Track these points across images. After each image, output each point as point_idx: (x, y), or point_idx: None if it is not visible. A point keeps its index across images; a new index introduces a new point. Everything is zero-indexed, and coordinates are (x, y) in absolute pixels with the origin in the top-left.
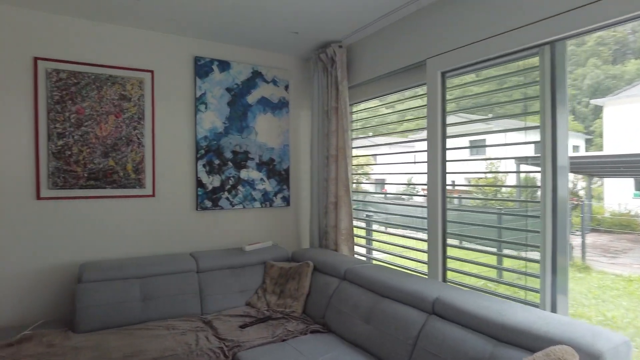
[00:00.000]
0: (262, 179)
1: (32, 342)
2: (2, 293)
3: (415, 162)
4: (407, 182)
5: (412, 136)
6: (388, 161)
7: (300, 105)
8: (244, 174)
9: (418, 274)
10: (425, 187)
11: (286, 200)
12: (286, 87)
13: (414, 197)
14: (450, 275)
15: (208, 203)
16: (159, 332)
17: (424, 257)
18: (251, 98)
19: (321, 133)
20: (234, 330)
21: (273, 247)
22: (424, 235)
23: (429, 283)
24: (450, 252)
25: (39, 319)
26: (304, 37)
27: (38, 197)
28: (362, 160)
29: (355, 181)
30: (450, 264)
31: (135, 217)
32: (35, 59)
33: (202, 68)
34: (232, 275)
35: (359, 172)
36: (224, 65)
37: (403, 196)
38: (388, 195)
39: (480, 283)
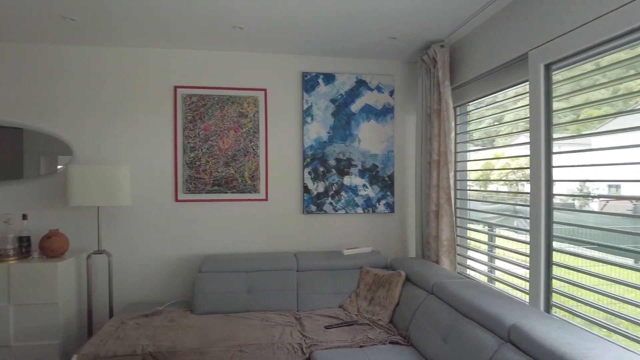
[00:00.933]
0: (364, 185)
1: (160, 316)
2: (150, 276)
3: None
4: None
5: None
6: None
7: (406, 109)
8: (347, 180)
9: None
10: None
11: (390, 207)
12: (391, 93)
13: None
14: (560, 299)
15: (313, 207)
16: (254, 322)
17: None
18: (355, 107)
19: (424, 137)
20: (319, 329)
21: (372, 253)
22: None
23: (514, 306)
24: (563, 272)
25: (173, 299)
26: (404, 41)
27: (176, 200)
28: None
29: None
30: (564, 287)
31: (250, 218)
32: (175, 87)
33: (308, 82)
34: (329, 277)
35: (471, 178)
36: (329, 78)
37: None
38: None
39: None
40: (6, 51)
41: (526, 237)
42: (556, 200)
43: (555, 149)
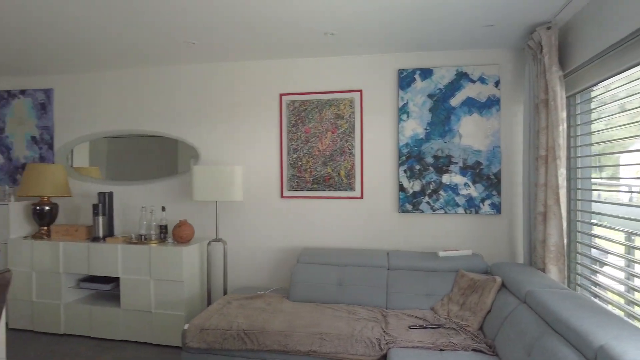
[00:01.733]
0: (466, 184)
1: (260, 300)
2: (258, 264)
3: None
4: None
5: None
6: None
7: (514, 101)
8: (446, 178)
9: None
10: None
11: (496, 208)
12: (496, 84)
13: None
14: None
15: (409, 206)
16: (340, 314)
17: None
18: (455, 101)
19: (532, 131)
20: (402, 328)
21: (471, 257)
22: None
23: (613, 323)
24: None
25: (276, 286)
26: (505, 26)
27: (282, 196)
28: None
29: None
30: None
31: (346, 215)
32: (281, 95)
33: (404, 79)
34: (421, 278)
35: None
36: (426, 73)
37: None
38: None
39: None
40: (148, 75)
41: None
42: None
43: None
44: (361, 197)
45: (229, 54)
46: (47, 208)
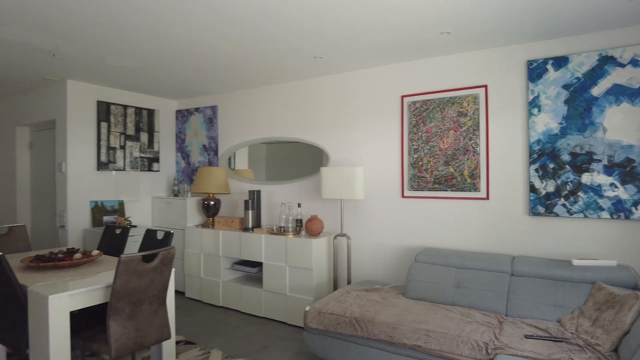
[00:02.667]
0: (612, 185)
1: (377, 293)
2: (379, 259)
3: None
4: None
5: None
6: None
7: None
8: (586, 178)
9: None
10: None
11: None
12: None
13: None
14: None
15: (540, 209)
16: (453, 315)
17: None
18: (597, 90)
19: None
20: (516, 336)
21: (614, 268)
22: None
23: None
24: None
25: (397, 282)
26: None
27: (402, 196)
28: None
29: None
30: None
31: (468, 217)
32: (402, 96)
33: (534, 71)
34: (549, 287)
35: None
36: (560, 62)
37: None
38: None
39: None
40: (288, 89)
41: None
42: None
43: None
44: (486, 198)
45: (351, 64)
46: (212, 202)
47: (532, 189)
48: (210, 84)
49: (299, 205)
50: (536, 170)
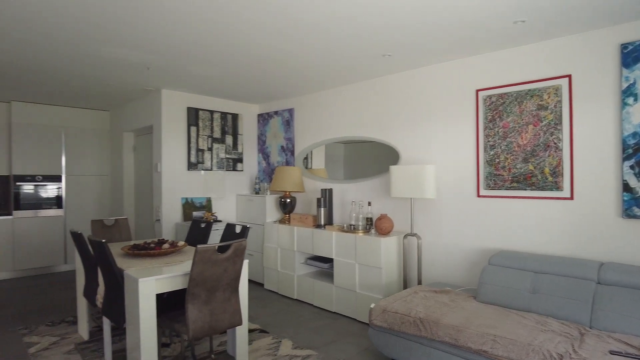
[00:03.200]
0: None
1: (446, 295)
2: (451, 261)
3: None
4: None
5: None
6: None
7: None
8: None
9: None
10: None
11: None
12: None
13: None
14: None
15: (637, 210)
16: (526, 322)
17: None
18: None
19: None
20: (599, 351)
21: None
22: None
23: None
24: None
25: (469, 285)
26: None
27: (478, 195)
28: None
29: None
30: None
31: (549, 218)
32: (477, 90)
33: (629, 55)
34: None
35: None
36: None
37: None
38: None
39: None
40: (359, 88)
41: None
42: None
43: None
44: (570, 198)
45: (421, 60)
46: (288, 200)
47: (626, 188)
48: (287, 88)
49: (369, 203)
50: (631, 167)
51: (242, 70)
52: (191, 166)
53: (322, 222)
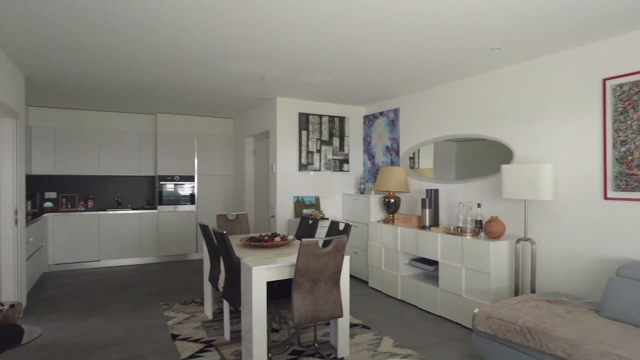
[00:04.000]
0: None
1: (561, 305)
2: (571, 269)
3: None
4: None
5: None
6: None
7: None
8: None
9: None
10: None
11: None
12: None
13: None
14: None
15: None
16: None
17: None
18: None
19: None
20: None
21: None
22: None
23: None
24: None
25: (590, 298)
26: None
27: (605, 197)
28: None
29: None
30: None
31: None
32: (604, 80)
33: None
34: None
35: None
36: None
37: None
38: None
39: None
40: (466, 85)
41: None
42: None
43: None
44: None
45: (533, 50)
46: (392, 200)
47: None
48: (392, 88)
49: (479, 205)
50: None
51: (349, 74)
52: (302, 167)
53: (427, 223)
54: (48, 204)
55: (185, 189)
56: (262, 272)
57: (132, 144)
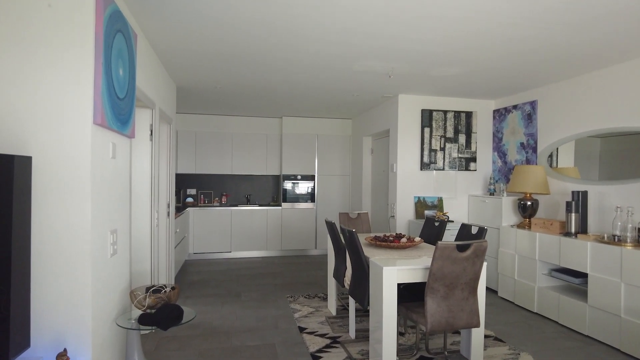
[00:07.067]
0: None
1: None
2: None
3: None
4: None
5: None
6: None
7: None
8: None
9: None
10: None
11: None
12: None
13: None
14: None
15: None
16: None
17: None
18: None
19: None
20: None
21: None
22: None
23: None
24: None
25: None
26: None
27: None
28: None
29: None
30: None
31: None
32: None
33: None
34: None
35: None
36: None
37: None
38: None
39: None
40: (615, 72)
41: None
42: None
43: None
44: None
45: None
46: (529, 203)
47: None
48: (528, 79)
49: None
50: None
51: (480, 65)
52: (424, 166)
53: (573, 230)
54: (189, 200)
55: (306, 187)
56: (393, 273)
57: (260, 145)
